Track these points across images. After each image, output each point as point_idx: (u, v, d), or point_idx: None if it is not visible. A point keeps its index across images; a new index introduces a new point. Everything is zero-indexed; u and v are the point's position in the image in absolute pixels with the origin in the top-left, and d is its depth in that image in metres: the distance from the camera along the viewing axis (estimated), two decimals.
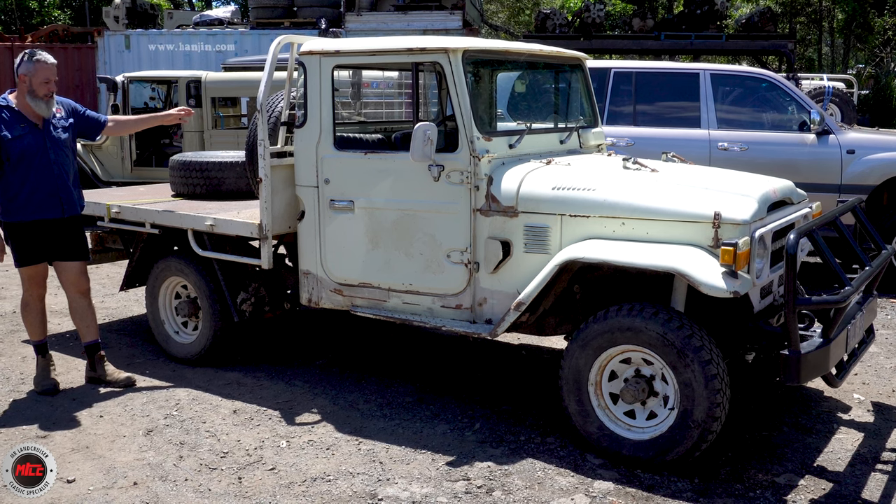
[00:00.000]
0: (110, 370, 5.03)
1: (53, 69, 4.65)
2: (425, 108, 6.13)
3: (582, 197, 4.01)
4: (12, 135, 4.58)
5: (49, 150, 4.67)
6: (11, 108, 4.65)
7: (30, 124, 4.64)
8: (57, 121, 4.76)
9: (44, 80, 4.60)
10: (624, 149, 7.11)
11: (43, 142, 4.66)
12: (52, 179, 4.69)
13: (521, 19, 32.54)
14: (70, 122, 4.84)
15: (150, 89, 12.83)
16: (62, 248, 4.84)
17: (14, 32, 24.36)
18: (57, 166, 4.71)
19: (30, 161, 4.62)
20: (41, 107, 4.61)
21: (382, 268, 4.54)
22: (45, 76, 4.60)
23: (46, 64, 4.61)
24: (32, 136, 4.63)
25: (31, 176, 4.63)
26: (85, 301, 4.99)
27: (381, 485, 3.75)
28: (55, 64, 4.68)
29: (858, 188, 7.10)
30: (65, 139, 4.78)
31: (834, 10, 27.24)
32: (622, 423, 3.90)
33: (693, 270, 3.59)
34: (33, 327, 4.97)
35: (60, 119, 4.79)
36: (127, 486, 3.78)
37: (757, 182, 4.25)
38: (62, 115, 4.81)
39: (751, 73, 8.04)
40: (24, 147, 4.59)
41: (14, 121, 4.62)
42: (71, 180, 4.80)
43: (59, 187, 4.72)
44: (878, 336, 5.81)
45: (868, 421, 4.47)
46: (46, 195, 4.68)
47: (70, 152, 4.83)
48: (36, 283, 4.91)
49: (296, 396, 4.82)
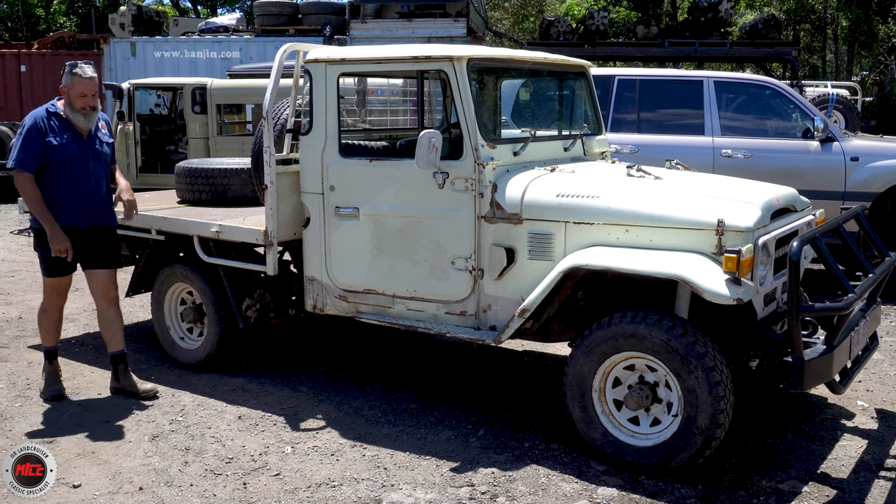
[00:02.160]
0: (135, 381, 5.00)
1: (90, 84, 4.64)
2: (430, 115, 6.16)
3: (586, 204, 4.03)
4: (57, 141, 4.61)
5: (89, 161, 4.72)
6: (60, 115, 4.67)
7: (75, 133, 4.68)
8: (102, 135, 4.82)
9: (80, 93, 4.62)
10: (628, 156, 7.12)
11: (85, 152, 4.70)
12: (87, 189, 4.72)
13: (525, 26, 32.59)
14: (111, 140, 4.91)
15: (156, 96, 12.91)
16: (93, 257, 4.83)
17: (20, 39, 24.46)
18: (95, 178, 4.75)
19: (69, 169, 4.65)
20: (79, 119, 4.64)
21: (387, 274, 4.56)
22: (81, 90, 4.62)
23: (83, 78, 4.62)
24: (76, 145, 4.67)
25: (68, 184, 4.66)
26: (113, 310, 4.98)
27: (386, 490, 3.76)
28: (94, 78, 4.66)
29: (862, 195, 7.10)
30: (106, 153, 4.83)
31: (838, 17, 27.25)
32: (626, 430, 3.91)
33: (697, 277, 3.60)
34: (47, 333, 4.97)
35: (104, 134, 4.84)
36: (132, 491, 3.79)
37: (760, 189, 4.26)
38: (106, 132, 4.87)
39: (755, 81, 8.06)
40: (67, 155, 4.63)
41: (61, 129, 4.65)
42: (105, 193, 4.83)
43: (92, 198, 4.74)
44: (882, 343, 5.81)
45: (872, 428, 4.47)
46: (79, 204, 4.71)
47: (108, 166, 4.87)
48: (58, 294, 4.91)
49: (300, 402, 4.83)
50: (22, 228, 11.49)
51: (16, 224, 11.94)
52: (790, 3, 26.64)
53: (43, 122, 4.62)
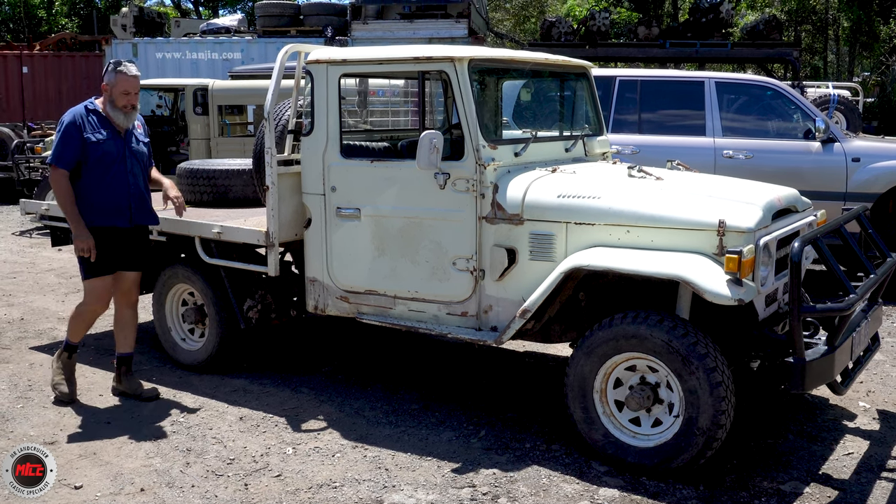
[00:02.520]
0: (137, 383, 4.98)
1: (134, 82, 4.62)
2: (431, 116, 6.16)
3: (587, 205, 4.03)
4: (95, 138, 4.58)
5: (127, 159, 4.69)
6: (99, 112, 4.66)
7: (113, 131, 4.65)
8: (139, 134, 4.80)
9: (123, 91, 4.59)
10: (629, 157, 7.12)
11: (123, 150, 4.67)
12: (125, 188, 4.68)
13: (527, 27, 32.60)
14: (147, 140, 4.88)
15: (158, 97, 12.91)
16: (126, 258, 4.80)
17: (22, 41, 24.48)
18: (133, 176, 4.72)
19: (107, 167, 4.62)
20: (119, 117, 4.62)
21: (388, 275, 4.56)
22: (125, 87, 4.59)
23: (127, 76, 4.59)
24: (114, 142, 4.64)
25: (106, 181, 4.63)
26: (130, 312, 4.95)
27: (387, 491, 3.76)
28: (138, 77, 4.66)
29: (863, 196, 7.10)
30: (143, 152, 4.80)
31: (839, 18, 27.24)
32: (627, 431, 3.91)
33: (698, 278, 3.60)
34: (77, 331, 4.94)
35: (141, 134, 4.83)
36: (134, 492, 3.80)
37: (762, 190, 4.26)
38: (142, 130, 4.85)
39: (756, 82, 8.06)
40: (105, 152, 4.60)
41: (100, 125, 4.63)
42: (143, 191, 4.80)
43: (130, 196, 4.71)
44: (884, 344, 5.80)
45: (873, 429, 4.47)
46: (117, 202, 4.67)
47: (146, 165, 4.84)
48: (97, 298, 4.80)
49: (302, 403, 4.83)
50: (24, 230, 11.50)
51: (17, 226, 11.95)
52: (791, 4, 26.63)
53: (81, 119, 4.59)
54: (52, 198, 10.83)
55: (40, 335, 6.31)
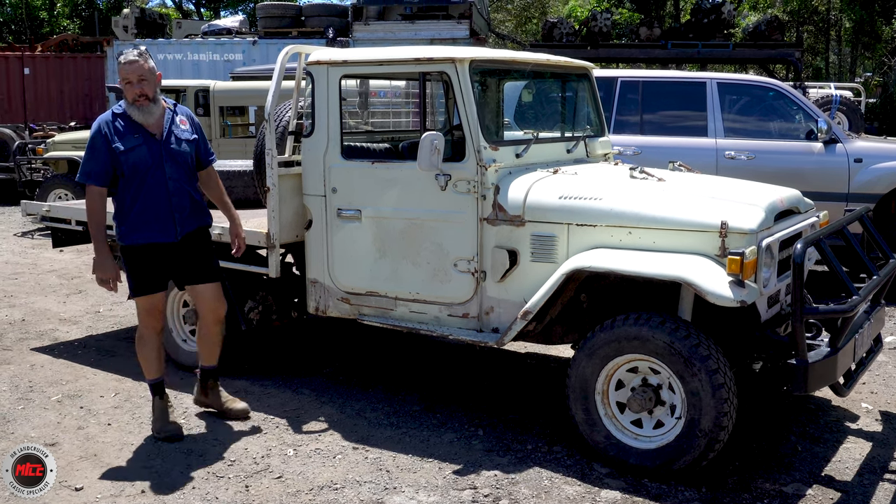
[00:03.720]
0: (225, 398, 4.58)
1: (130, 68, 4.03)
2: (432, 117, 6.16)
3: (589, 206, 4.02)
4: (125, 146, 4.07)
5: (165, 164, 4.14)
6: (126, 116, 4.13)
7: (145, 134, 4.12)
8: (180, 132, 4.23)
9: (124, 80, 4.06)
10: (631, 158, 7.11)
11: (159, 154, 4.13)
12: (165, 197, 4.14)
13: (528, 28, 32.59)
14: (194, 137, 4.30)
15: None
16: (189, 271, 4.34)
17: (24, 42, 24.52)
18: (174, 182, 4.16)
19: (143, 176, 4.10)
20: (135, 113, 4.09)
21: (389, 277, 4.55)
22: (124, 76, 4.05)
23: (122, 63, 4.05)
24: (148, 147, 4.11)
25: (143, 193, 4.11)
26: (218, 328, 4.50)
27: (388, 493, 3.75)
28: (136, 62, 4.04)
29: (866, 197, 7.09)
30: (186, 153, 4.23)
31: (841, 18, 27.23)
32: (629, 432, 3.89)
33: (700, 279, 3.59)
34: (149, 364, 4.40)
35: (184, 131, 4.25)
36: (135, 493, 3.79)
37: (764, 191, 4.25)
38: (187, 127, 4.28)
39: (758, 82, 8.05)
40: (138, 160, 4.08)
41: (128, 130, 4.10)
42: (189, 199, 4.25)
43: (173, 206, 4.17)
44: (887, 345, 5.79)
45: (876, 430, 4.46)
46: (159, 215, 4.15)
47: (191, 168, 4.29)
48: (152, 316, 4.33)
49: (303, 405, 4.82)
50: (26, 231, 11.51)
51: (19, 226, 11.96)
52: (793, 5, 26.62)
53: (108, 126, 4.09)
54: (55, 199, 10.92)
55: (41, 336, 6.30)
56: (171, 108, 4.27)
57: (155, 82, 4.14)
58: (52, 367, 5.56)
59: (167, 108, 4.23)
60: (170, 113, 4.23)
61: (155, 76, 4.13)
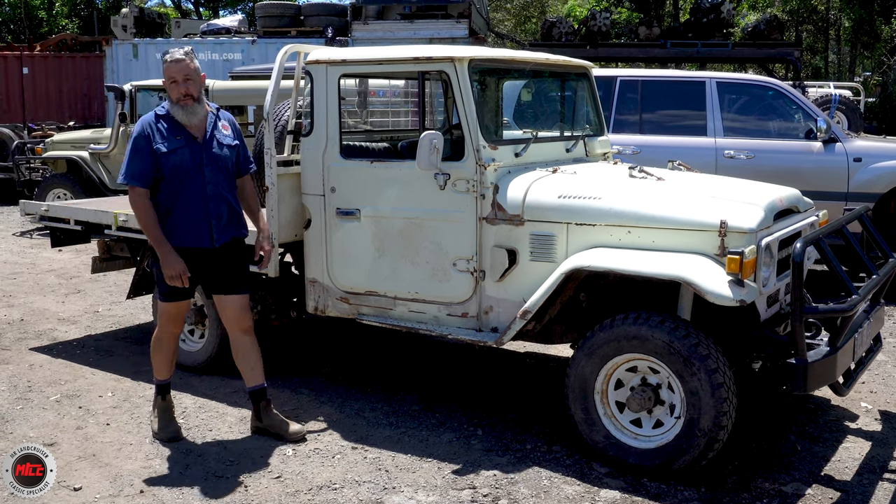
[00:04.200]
0: (281, 419, 4.40)
1: (177, 66, 3.99)
2: (431, 116, 6.16)
3: (588, 205, 4.01)
4: (167, 148, 4.00)
5: (205, 168, 4.07)
6: (169, 117, 4.07)
7: (187, 137, 4.06)
8: (222, 136, 4.17)
9: (170, 79, 4.02)
10: (630, 157, 7.11)
11: (200, 158, 4.06)
12: (202, 202, 4.08)
13: (528, 28, 32.60)
14: (236, 142, 4.23)
15: (158, 98, 12.89)
16: (218, 281, 4.23)
17: (23, 41, 24.50)
18: (213, 187, 4.10)
19: (182, 179, 4.04)
20: (179, 113, 4.03)
21: (388, 276, 4.55)
22: (169, 75, 4.00)
23: (169, 61, 4.00)
24: (189, 150, 4.05)
25: (182, 196, 4.06)
26: (248, 339, 4.35)
27: (387, 493, 3.75)
28: (182, 60, 3.99)
29: (865, 196, 7.09)
30: (226, 157, 4.16)
31: (840, 17, 27.23)
32: (628, 432, 3.89)
33: (699, 279, 3.59)
34: (161, 365, 4.38)
35: (226, 136, 4.19)
36: (133, 493, 3.78)
37: (763, 190, 4.25)
38: (229, 132, 4.21)
39: (757, 82, 8.05)
40: (178, 163, 4.02)
41: (171, 132, 4.04)
42: (228, 206, 4.17)
43: (210, 212, 4.10)
44: (886, 344, 5.79)
45: (876, 430, 4.46)
46: (196, 220, 4.08)
47: (231, 173, 4.21)
48: (174, 321, 4.30)
49: (302, 404, 4.82)
50: (24, 231, 11.50)
51: (18, 226, 11.95)
52: (792, 4, 26.61)
53: (150, 128, 4.04)
54: (53, 199, 10.90)
55: (40, 336, 6.30)
56: (213, 111, 4.20)
57: (200, 82, 4.08)
58: (51, 366, 5.56)
59: (210, 112, 4.17)
60: (212, 116, 4.17)
61: (200, 76, 4.08)
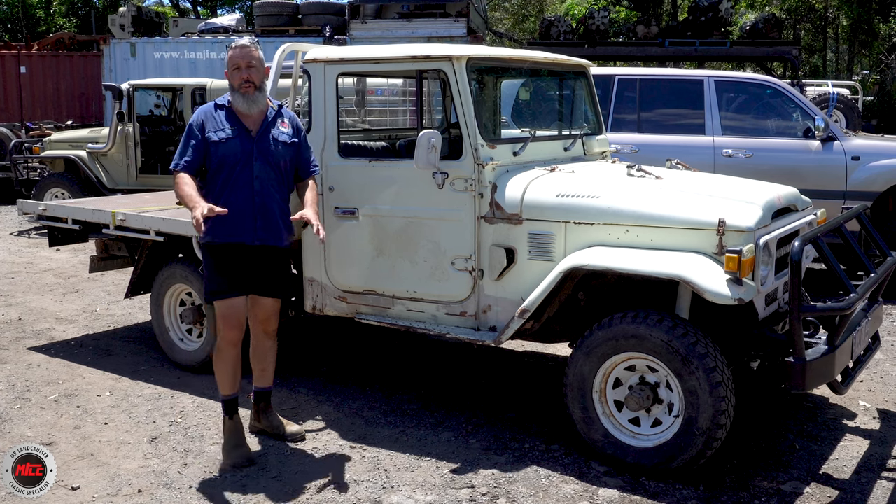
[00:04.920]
0: (280, 420, 4.37)
1: (242, 52, 3.92)
2: (429, 115, 6.15)
3: (586, 204, 4.01)
4: (218, 137, 3.92)
5: (255, 161, 3.94)
6: (227, 107, 4.00)
7: (240, 128, 3.96)
8: (278, 133, 4.03)
9: (233, 66, 3.93)
10: (628, 156, 7.11)
11: (250, 150, 3.94)
12: (249, 196, 3.94)
13: (526, 26, 32.57)
14: (294, 140, 4.08)
15: (156, 97, 12.90)
16: (257, 281, 4.09)
17: (20, 40, 24.46)
18: (261, 182, 3.95)
19: (230, 170, 3.93)
20: (239, 101, 3.93)
21: (387, 275, 4.54)
22: (234, 62, 3.92)
23: (234, 48, 3.94)
24: (240, 140, 3.94)
25: (228, 188, 3.93)
26: (269, 343, 4.26)
27: (386, 492, 3.74)
28: (247, 47, 3.93)
29: (863, 195, 7.09)
30: (280, 154, 4.01)
31: (839, 16, 27.24)
32: (627, 431, 3.89)
33: (697, 277, 3.59)
34: (224, 378, 4.12)
35: (284, 133, 4.05)
36: (131, 493, 3.78)
37: (761, 189, 4.25)
38: (287, 130, 4.08)
39: (755, 80, 8.04)
40: (227, 153, 3.92)
41: (225, 122, 3.96)
42: (276, 205, 4.02)
43: (256, 206, 3.95)
44: (884, 343, 5.79)
45: (874, 428, 4.46)
46: (240, 214, 3.93)
47: (284, 172, 4.06)
48: (229, 324, 4.04)
49: (300, 404, 4.82)
50: (22, 230, 11.49)
51: (16, 225, 11.94)
52: (791, 2, 26.61)
53: (206, 116, 3.98)
54: (51, 198, 10.89)
55: (38, 335, 6.29)
56: (275, 107, 4.11)
57: (263, 72, 3.99)
58: (49, 366, 5.55)
59: (271, 107, 4.08)
60: (272, 112, 4.07)
61: (263, 66, 4.00)
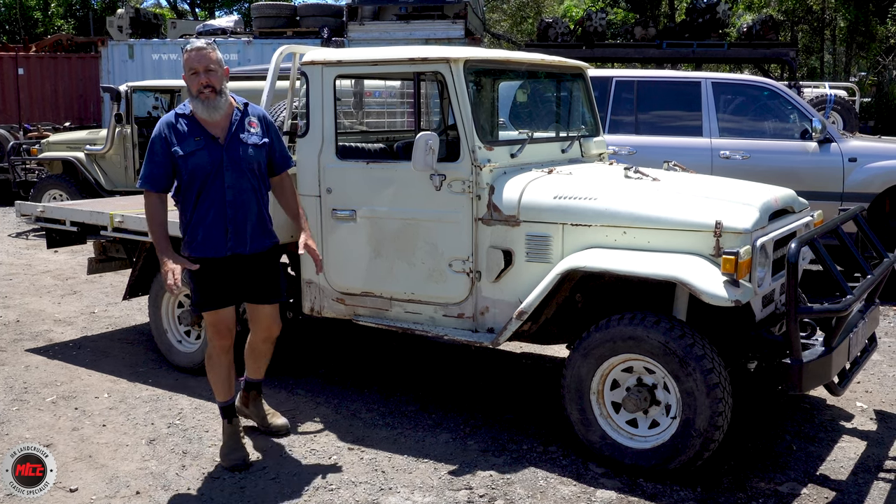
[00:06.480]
0: (267, 411, 4.39)
1: (198, 55, 3.69)
2: (427, 117, 6.15)
3: (583, 206, 4.02)
4: (184, 150, 3.73)
5: (225, 171, 3.77)
6: (189, 116, 3.79)
7: (207, 137, 3.77)
8: (247, 136, 3.84)
9: (190, 70, 3.71)
10: (626, 158, 7.12)
11: (220, 160, 3.77)
12: (221, 208, 3.79)
13: (524, 28, 32.59)
14: (265, 141, 3.90)
15: (154, 98, 12.88)
16: (250, 289, 4.03)
17: (18, 42, 24.45)
18: (233, 192, 3.80)
19: (201, 183, 3.77)
20: (199, 108, 3.73)
21: (384, 277, 4.55)
22: (189, 65, 3.70)
23: (189, 51, 3.71)
24: (208, 151, 3.76)
25: (201, 202, 3.79)
26: (268, 347, 4.26)
27: (384, 494, 3.75)
28: (203, 49, 3.70)
29: (860, 196, 7.10)
30: (252, 157, 3.84)
31: (836, 18, 27.28)
32: (624, 432, 3.90)
33: (695, 279, 3.59)
34: (219, 385, 4.11)
35: (254, 135, 3.86)
36: (130, 495, 3.78)
37: (758, 191, 4.26)
38: (256, 130, 3.88)
39: (752, 82, 8.05)
40: (196, 166, 3.74)
41: (190, 133, 3.76)
42: (253, 211, 3.88)
43: (228, 218, 3.81)
44: (881, 344, 5.80)
45: (871, 429, 4.47)
46: (213, 227, 3.81)
47: (259, 176, 3.90)
48: (219, 333, 3.99)
49: (298, 405, 4.82)
50: (20, 232, 11.48)
51: (14, 227, 11.93)
52: (788, 4, 26.65)
53: (168, 129, 3.77)
54: (49, 200, 10.88)
55: (36, 337, 6.29)
56: (240, 108, 3.89)
57: (222, 75, 3.79)
58: (47, 368, 5.55)
59: (236, 108, 3.87)
60: (238, 114, 3.86)
61: (223, 69, 3.79)
